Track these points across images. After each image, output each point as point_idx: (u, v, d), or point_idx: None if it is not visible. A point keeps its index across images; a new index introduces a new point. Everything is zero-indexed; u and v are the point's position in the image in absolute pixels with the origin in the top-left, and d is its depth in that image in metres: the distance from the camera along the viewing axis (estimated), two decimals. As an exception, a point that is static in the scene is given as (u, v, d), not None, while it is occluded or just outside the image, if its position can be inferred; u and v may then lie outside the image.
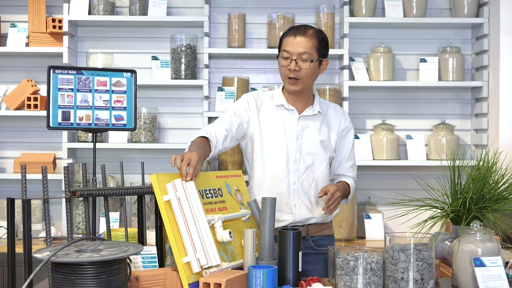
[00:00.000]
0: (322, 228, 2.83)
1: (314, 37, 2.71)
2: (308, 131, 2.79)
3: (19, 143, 4.46)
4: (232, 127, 2.68)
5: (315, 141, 2.78)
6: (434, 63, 4.33)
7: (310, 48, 2.69)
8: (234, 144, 2.74)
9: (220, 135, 2.60)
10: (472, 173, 2.35)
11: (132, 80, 2.79)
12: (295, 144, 2.76)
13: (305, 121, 2.79)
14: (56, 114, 2.64)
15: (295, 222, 2.75)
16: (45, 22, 4.27)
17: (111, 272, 1.86)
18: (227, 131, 2.64)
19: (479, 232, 2.23)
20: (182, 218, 2.13)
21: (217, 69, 4.49)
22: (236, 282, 2.06)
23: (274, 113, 2.79)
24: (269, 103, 2.81)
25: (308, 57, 2.69)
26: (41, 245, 3.75)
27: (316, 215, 2.78)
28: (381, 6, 4.42)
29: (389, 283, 2.17)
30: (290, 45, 2.69)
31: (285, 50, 2.71)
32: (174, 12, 4.45)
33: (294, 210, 2.75)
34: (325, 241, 2.82)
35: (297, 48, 2.68)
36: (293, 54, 2.68)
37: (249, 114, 2.77)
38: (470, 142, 4.50)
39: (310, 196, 2.77)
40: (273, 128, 2.76)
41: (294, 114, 2.79)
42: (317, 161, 2.78)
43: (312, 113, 2.80)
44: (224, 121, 2.69)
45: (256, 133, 2.76)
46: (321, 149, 2.79)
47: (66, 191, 2.10)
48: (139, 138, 4.25)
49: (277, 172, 2.74)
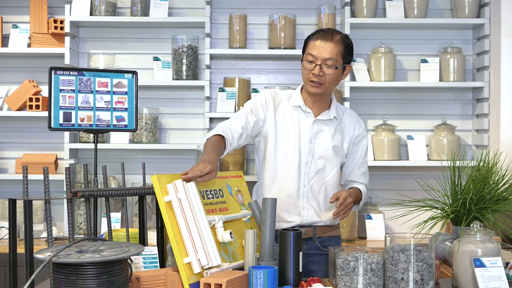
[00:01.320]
0: (329, 229, 2.82)
1: (340, 43, 2.68)
2: (322, 135, 2.77)
3: (21, 144, 4.46)
4: (248, 125, 2.67)
5: (328, 146, 2.77)
6: (435, 63, 4.33)
7: (336, 55, 2.66)
8: (248, 141, 2.74)
9: (236, 132, 2.59)
10: (473, 174, 2.36)
11: (133, 81, 2.79)
12: (308, 147, 2.75)
13: (320, 125, 2.78)
14: (58, 115, 2.65)
15: (302, 224, 2.75)
16: (47, 23, 4.28)
17: (112, 273, 1.86)
18: (243, 129, 2.63)
19: (479, 233, 2.23)
20: (183, 218, 2.14)
21: (219, 70, 4.49)
22: (236, 282, 2.07)
23: (290, 113, 2.77)
24: (286, 103, 2.79)
25: (333, 63, 2.65)
26: (43, 245, 3.75)
27: (324, 219, 2.78)
28: (382, 6, 4.42)
29: (389, 284, 2.18)
30: (316, 49, 2.66)
31: (310, 53, 2.67)
32: (176, 13, 4.46)
33: (303, 213, 2.75)
34: (332, 242, 2.80)
35: (323, 54, 2.65)
36: (318, 59, 2.65)
37: (265, 113, 2.75)
38: (471, 143, 4.50)
39: (319, 200, 2.76)
40: (288, 129, 2.75)
41: (310, 117, 2.77)
42: (328, 165, 2.77)
43: (328, 117, 2.78)
44: (240, 118, 2.68)
45: (271, 132, 2.75)
46: (333, 154, 2.78)
47: (68, 192, 2.11)
48: (141, 139, 4.26)
49: (288, 174, 2.74)
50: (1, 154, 4.44)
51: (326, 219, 2.78)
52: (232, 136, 2.56)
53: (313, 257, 2.74)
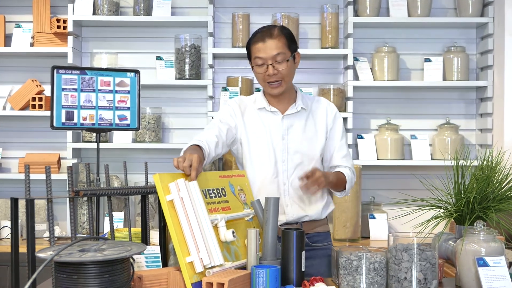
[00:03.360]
0: (316, 225, 2.80)
1: (281, 35, 2.68)
2: (293, 130, 2.76)
3: (23, 143, 4.47)
4: (222, 133, 2.67)
5: (301, 139, 2.75)
6: (439, 62, 4.33)
7: (282, 48, 2.66)
8: (226, 150, 2.73)
9: (212, 142, 2.58)
10: (476, 173, 2.35)
11: (135, 80, 2.79)
12: (281, 145, 2.74)
13: (289, 120, 2.77)
14: (60, 114, 2.65)
15: (288, 221, 2.74)
16: (50, 22, 4.28)
17: (114, 272, 1.86)
18: (217, 137, 2.63)
19: (483, 232, 2.23)
20: (185, 217, 2.13)
21: (221, 69, 4.49)
22: (239, 282, 2.06)
23: (258, 116, 2.77)
24: (252, 107, 2.79)
25: (283, 57, 2.66)
26: (45, 244, 3.75)
27: (309, 213, 2.76)
28: (386, 5, 4.41)
29: (392, 283, 2.17)
30: (262, 51, 2.66)
31: (257, 57, 2.67)
32: (179, 12, 4.46)
33: (287, 210, 2.73)
34: (320, 238, 2.79)
35: (269, 52, 2.65)
36: (268, 59, 2.65)
37: (235, 120, 2.75)
38: (475, 142, 4.49)
39: (301, 194, 2.74)
40: (258, 131, 2.75)
41: (277, 115, 2.77)
42: (306, 158, 2.75)
43: (295, 110, 2.77)
44: (212, 128, 2.68)
45: (243, 137, 2.75)
46: (308, 146, 2.76)
47: (70, 191, 2.11)
48: (144, 138, 4.26)
49: (266, 174, 2.73)
50: (4, 153, 4.44)
51: (312, 213, 2.76)
52: (208, 146, 2.54)
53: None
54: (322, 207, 2.80)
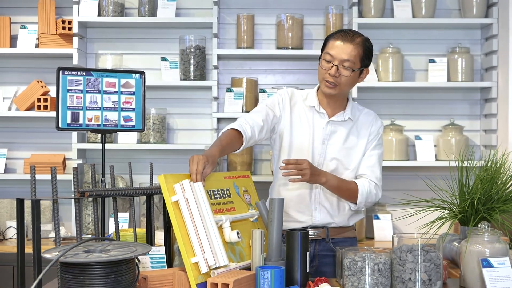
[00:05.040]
0: (343, 230, 2.79)
1: (360, 46, 2.64)
2: (335, 136, 2.74)
3: (29, 144, 4.48)
4: (268, 118, 2.68)
5: (341, 147, 2.73)
6: (443, 63, 4.32)
7: (354, 57, 2.62)
8: (268, 136, 2.73)
9: (257, 125, 2.59)
10: (480, 174, 2.35)
11: (140, 81, 2.80)
12: (320, 148, 2.72)
13: (334, 126, 2.74)
14: (65, 115, 2.66)
15: (314, 225, 2.73)
16: (55, 23, 4.29)
17: (119, 272, 1.87)
18: (264, 122, 2.64)
19: (487, 233, 2.23)
20: (190, 218, 2.14)
21: (226, 70, 4.49)
22: (243, 282, 2.07)
23: (305, 114, 2.75)
24: (301, 103, 2.77)
25: (350, 65, 2.61)
26: (51, 245, 3.75)
27: (337, 221, 2.75)
28: (390, 6, 4.42)
29: (397, 284, 2.17)
30: (335, 49, 2.62)
31: (328, 53, 2.63)
32: (183, 13, 4.47)
33: (314, 214, 2.73)
34: (347, 243, 2.76)
35: (341, 54, 2.61)
36: (336, 59, 2.61)
37: (282, 111, 2.74)
38: (479, 143, 4.49)
39: (332, 201, 2.73)
40: (303, 129, 2.73)
41: (324, 117, 2.74)
42: (341, 167, 2.73)
43: (342, 118, 2.74)
44: (261, 111, 2.68)
45: (286, 130, 2.73)
46: (346, 156, 2.74)
47: (75, 192, 2.12)
48: (148, 139, 4.27)
49: None
50: (10, 154, 4.46)
51: (339, 221, 2.74)
52: (252, 130, 2.55)
53: (325, 258, 2.72)
54: (350, 216, 2.79)
